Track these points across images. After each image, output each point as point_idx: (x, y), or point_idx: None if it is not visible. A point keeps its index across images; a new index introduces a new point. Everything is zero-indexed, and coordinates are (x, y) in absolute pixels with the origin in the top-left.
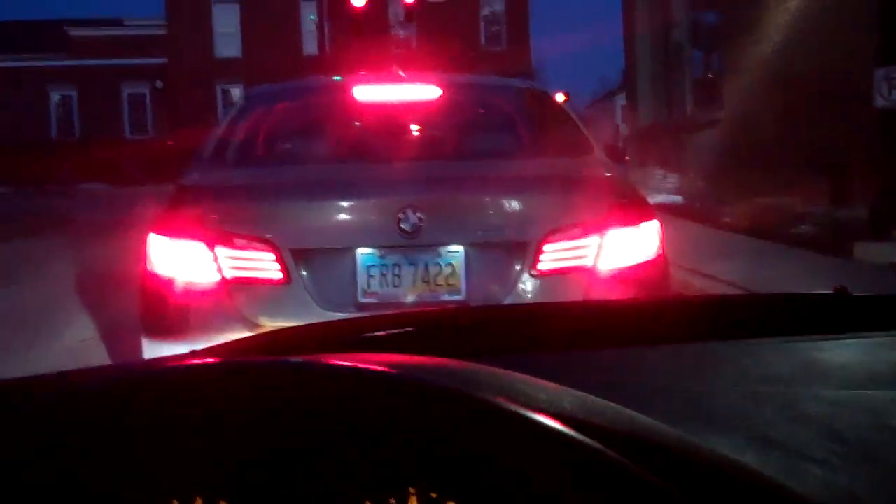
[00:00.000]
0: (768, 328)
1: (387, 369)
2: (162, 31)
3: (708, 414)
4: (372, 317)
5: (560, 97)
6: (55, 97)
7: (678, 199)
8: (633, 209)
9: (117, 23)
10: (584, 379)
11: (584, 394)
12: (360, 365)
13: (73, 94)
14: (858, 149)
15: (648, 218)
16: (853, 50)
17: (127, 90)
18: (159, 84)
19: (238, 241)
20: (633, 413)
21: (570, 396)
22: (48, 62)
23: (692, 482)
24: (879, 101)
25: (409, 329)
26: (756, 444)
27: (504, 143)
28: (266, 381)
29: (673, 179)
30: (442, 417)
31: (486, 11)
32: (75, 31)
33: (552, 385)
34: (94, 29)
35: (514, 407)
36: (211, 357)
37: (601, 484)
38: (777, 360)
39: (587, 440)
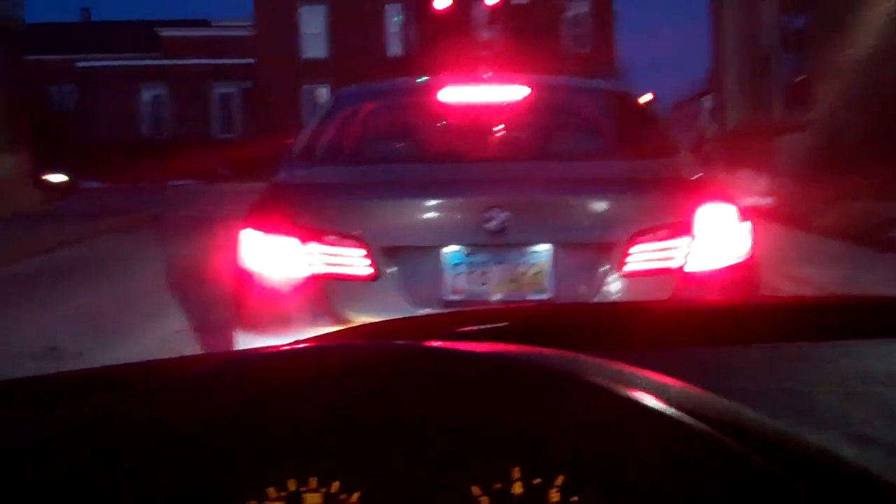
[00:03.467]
0: (866, 330)
1: (496, 353)
2: (249, 33)
3: (805, 412)
4: (464, 311)
5: (647, 97)
6: (146, 96)
7: (769, 201)
8: (722, 210)
9: (206, 24)
10: (679, 376)
11: (688, 385)
12: (472, 349)
13: (164, 93)
14: None
15: (739, 219)
16: None
17: (216, 90)
18: (247, 84)
19: (329, 238)
20: (737, 405)
21: (675, 387)
22: (139, 62)
23: (799, 473)
24: None
25: (503, 324)
26: (853, 442)
27: (589, 144)
28: (376, 362)
29: (762, 182)
30: (555, 401)
31: (571, 13)
32: (166, 32)
33: (658, 375)
34: (184, 29)
35: (626, 390)
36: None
37: (716, 470)
38: (875, 360)
39: (699, 423)
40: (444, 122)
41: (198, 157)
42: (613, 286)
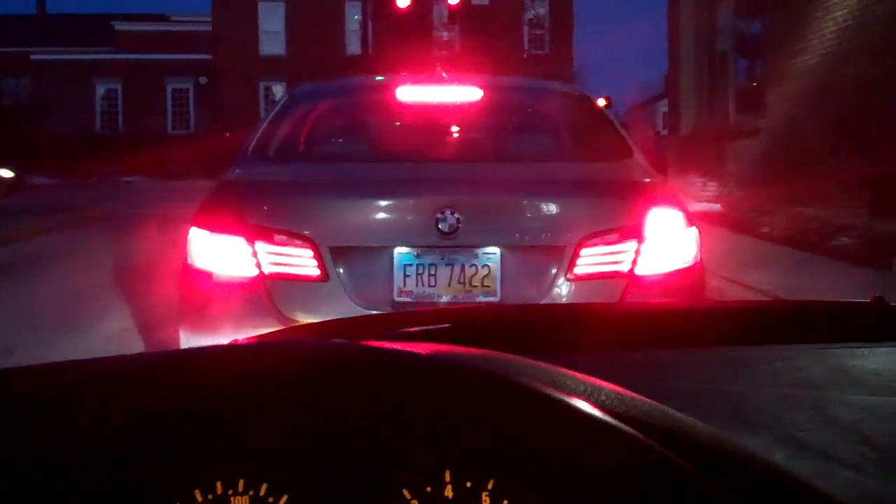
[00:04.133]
0: (804, 335)
1: (429, 354)
2: (207, 28)
3: (739, 415)
4: (408, 312)
5: (601, 102)
6: (100, 90)
7: (717, 206)
8: (671, 215)
9: (163, 18)
10: (618, 378)
11: (621, 389)
12: (407, 349)
13: (118, 87)
14: None
15: (687, 224)
16: None
17: (171, 85)
18: (203, 80)
19: (277, 238)
20: (668, 409)
21: (607, 390)
22: (94, 55)
23: (724, 477)
24: None
25: (445, 325)
26: (786, 445)
27: (544, 147)
28: (310, 361)
29: (713, 187)
30: (483, 403)
31: (530, 14)
32: (122, 26)
33: (591, 378)
34: (140, 24)
35: (556, 393)
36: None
37: (641, 472)
38: (811, 365)
39: (627, 428)
40: (399, 122)
41: (151, 152)
42: (562, 289)
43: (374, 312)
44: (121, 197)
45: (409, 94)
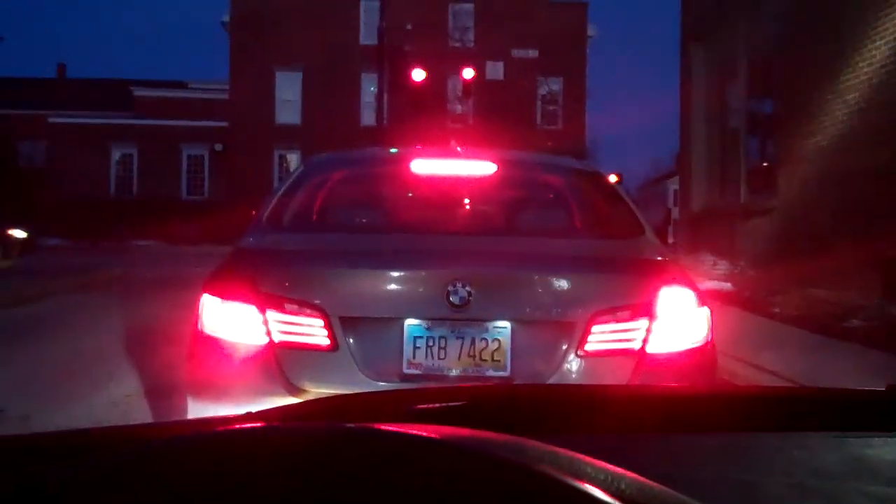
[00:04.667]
0: (820, 422)
1: (444, 438)
2: (224, 96)
3: None
4: (422, 389)
5: (613, 178)
6: (116, 155)
7: (728, 286)
8: (682, 294)
9: (182, 85)
10: (633, 463)
11: (640, 477)
12: (415, 433)
13: (134, 152)
14: None
15: (698, 304)
16: None
17: (186, 151)
18: (218, 146)
19: (288, 306)
20: (688, 499)
21: (627, 479)
22: (111, 120)
23: None
24: None
25: (459, 403)
26: None
27: (555, 222)
28: (315, 445)
29: (724, 266)
30: (502, 491)
31: (543, 90)
32: (140, 92)
33: (610, 466)
34: (158, 90)
35: (575, 482)
36: (261, 421)
37: None
38: (827, 454)
39: None
40: (412, 194)
41: (165, 217)
42: (572, 365)
43: (384, 384)
44: (133, 261)
45: (423, 166)
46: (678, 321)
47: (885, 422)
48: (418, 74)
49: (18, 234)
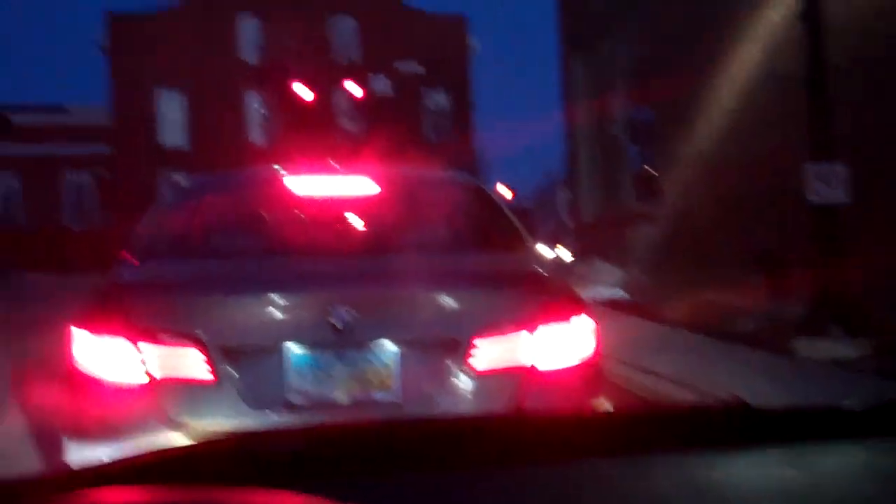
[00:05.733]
0: (665, 442)
1: None
2: (106, 120)
3: None
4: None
5: (506, 193)
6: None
7: (620, 293)
8: (564, 306)
9: (61, 110)
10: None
11: None
12: None
13: (14, 181)
14: (795, 244)
15: (583, 317)
16: (787, 145)
17: (69, 177)
18: (103, 173)
19: (163, 338)
20: None
21: None
22: None
23: None
24: (813, 197)
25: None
26: None
27: (437, 238)
28: None
29: (615, 273)
30: None
31: (431, 105)
32: (18, 118)
33: None
34: (37, 115)
35: None
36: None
37: None
38: (668, 477)
39: None
40: (288, 214)
41: (47, 246)
42: (461, 385)
43: (268, 413)
44: (17, 293)
45: (299, 185)
46: (563, 336)
47: (731, 436)
48: (303, 91)
49: None
